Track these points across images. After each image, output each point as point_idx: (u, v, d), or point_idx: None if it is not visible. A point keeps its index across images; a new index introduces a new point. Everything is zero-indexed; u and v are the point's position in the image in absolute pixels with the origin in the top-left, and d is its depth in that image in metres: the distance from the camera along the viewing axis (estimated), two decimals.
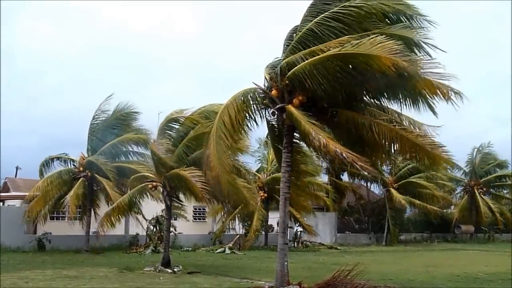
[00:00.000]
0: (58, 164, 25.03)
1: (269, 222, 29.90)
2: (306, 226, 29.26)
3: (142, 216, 25.07)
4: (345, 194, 36.57)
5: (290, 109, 11.00)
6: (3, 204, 29.62)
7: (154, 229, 25.46)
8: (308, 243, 29.67)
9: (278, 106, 11.46)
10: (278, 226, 21.70)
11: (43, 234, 24.20)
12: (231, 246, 25.91)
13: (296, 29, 11.73)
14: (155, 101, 62.43)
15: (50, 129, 70.05)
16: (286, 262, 11.56)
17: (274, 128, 12.55)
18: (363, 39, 9.82)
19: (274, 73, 11.48)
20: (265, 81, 11.85)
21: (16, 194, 29.44)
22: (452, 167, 32.20)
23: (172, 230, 21.69)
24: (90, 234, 23.89)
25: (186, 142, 16.53)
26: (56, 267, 16.77)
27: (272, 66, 11.85)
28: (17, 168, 41.43)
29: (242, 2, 79.74)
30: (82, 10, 67.94)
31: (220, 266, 18.28)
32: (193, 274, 15.65)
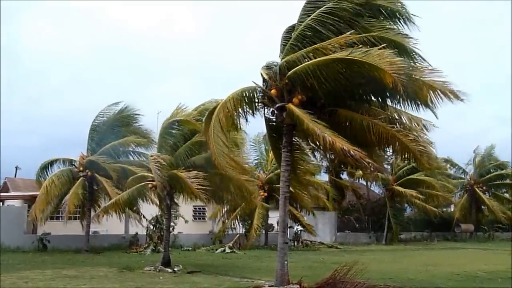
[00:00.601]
0: (57, 166, 24.96)
1: (269, 222, 29.91)
2: (306, 225, 29.30)
3: (142, 216, 25.04)
4: (345, 193, 36.59)
5: (291, 107, 10.95)
6: (3, 204, 29.62)
7: (154, 228, 25.47)
8: (308, 242, 29.69)
9: (278, 105, 11.43)
10: (278, 225, 21.72)
11: (43, 234, 24.21)
12: (231, 245, 25.91)
13: (291, 28, 11.71)
14: (155, 101, 62.52)
15: (50, 129, 70.17)
16: (286, 261, 11.55)
17: (273, 127, 12.53)
18: (371, 49, 9.84)
19: (273, 72, 11.43)
20: (263, 80, 11.83)
21: (16, 194, 29.45)
22: (435, 175, 32.25)
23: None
24: (90, 234, 23.85)
25: (189, 145, 16.50)
26: (56, 267, 16.75)
27: (268, 66, 11.83)
28: (16, 168, 41.51)
29: (242, 2, 79.87)
30: (83, 10, 68.15)
31: (220, 266, 18.28)
32: (193, 273, 15.64)
